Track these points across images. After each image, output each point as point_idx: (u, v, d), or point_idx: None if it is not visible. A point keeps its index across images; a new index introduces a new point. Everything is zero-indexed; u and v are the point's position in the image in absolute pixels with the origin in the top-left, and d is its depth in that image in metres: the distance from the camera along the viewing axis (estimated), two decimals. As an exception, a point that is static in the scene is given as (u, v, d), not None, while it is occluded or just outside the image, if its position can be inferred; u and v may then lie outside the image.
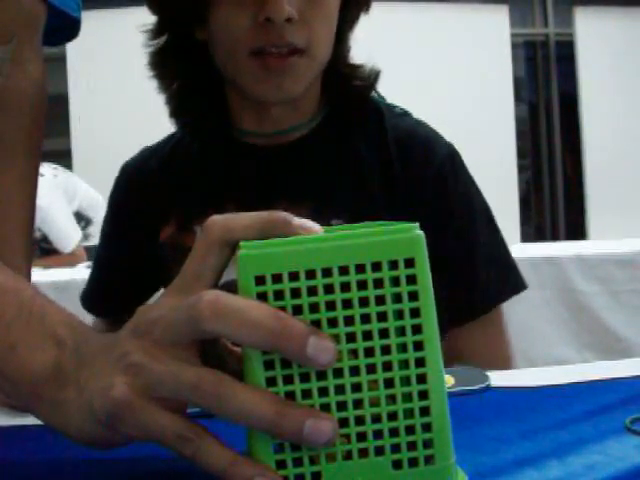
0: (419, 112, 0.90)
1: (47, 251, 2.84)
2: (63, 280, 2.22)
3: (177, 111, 0.84)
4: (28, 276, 0.72)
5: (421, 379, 0.35)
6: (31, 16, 0.68)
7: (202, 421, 0.54)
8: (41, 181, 2.38)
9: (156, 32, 0.80)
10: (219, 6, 0.73)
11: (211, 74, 0.80)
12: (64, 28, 0.75)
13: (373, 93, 0.86)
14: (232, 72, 0.77)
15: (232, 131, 0.84)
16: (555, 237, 4.69)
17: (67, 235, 2.85)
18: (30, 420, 0.57)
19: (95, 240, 2.88)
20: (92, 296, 0.94)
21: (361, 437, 0.35)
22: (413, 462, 0.35)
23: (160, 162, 0.87)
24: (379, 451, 0.35)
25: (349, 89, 0.83)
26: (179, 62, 0.81)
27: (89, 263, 2.51)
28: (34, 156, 0.74)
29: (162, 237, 0.85)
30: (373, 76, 0.84)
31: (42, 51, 0.74)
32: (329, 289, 0.34)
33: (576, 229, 4.57)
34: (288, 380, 0.34)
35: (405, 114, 0.88)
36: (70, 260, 2.81)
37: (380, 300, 0.34)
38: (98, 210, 2.99)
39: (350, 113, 0.83)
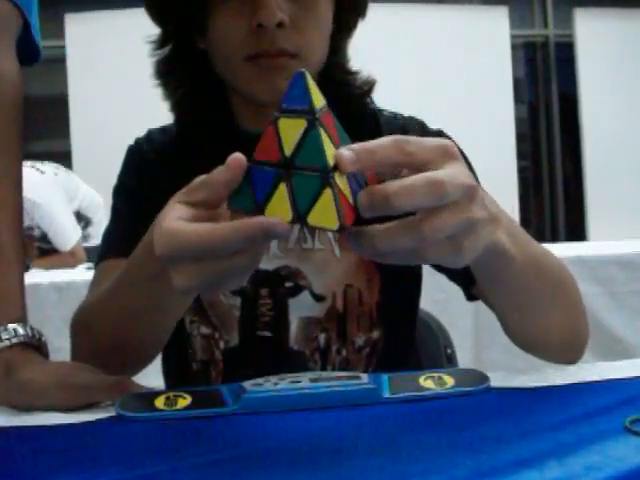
0: (419, 113, 0.90)
1: (46, 251, 2.83)
2: (63, 281, 2.22)
3: (182, 116, 0.85)
4: (21, 273, 0.72)
5: None
6: None
7: (201, 422, 0.54)
8: (41, 179, 2.37)
9: (160, 43, 0.83)
10: (216, 17, 0.76)
11: (213, 80, 0.82)
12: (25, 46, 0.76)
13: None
14: (229, 77, 0.80)
15: (236, 131, 0.85)
16: (555, 238, 4.70)
17: (67, 233, 2.84)
18: (30, 420, 0.57)
19: (95, 241, 2.89)
20: (113, 238, 0.90)
21: None
22: None
23: (170, 143, 0.87)
24: None
25: (344, 97, 0.84)
26: (183, 70, 0.84)
27: (90, 264, 2.50)
28: (15, 154, 0.74)
29: None
30: (368, 86, 0.85)
31: (14, 51, 0.75)
32: None
33: (576, 230, 4.57)
34: None
35: (395, 115, 0.90)
36: (69, 260, 2.81)
37: None
38: (98, 210, 2.99)
39: (346, 117, 0.85)
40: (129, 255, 0.82)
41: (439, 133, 0.87)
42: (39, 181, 2.80)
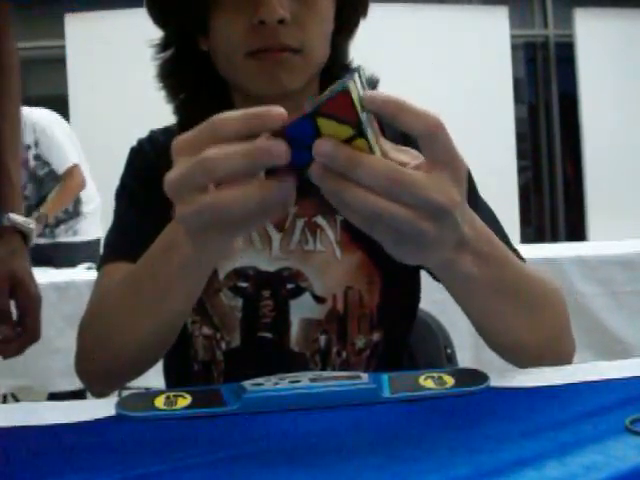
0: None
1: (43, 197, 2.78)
2: (63, 281, 2.22)
3: (185, 118, 0.85)
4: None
5: None
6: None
7: (201, 422, 0.54)
8: (58, 116, 2.69)
9: (162, 46, 0.83)
10: (218, 15, 0.76)
11: (216, 82, 0.82)
12: None
13: None
14: (231, 74, 0.79)
15: None
16: (555, 238, 4.70)
17: (64, 152, 2.78)
18: (30, 420, 0.57)
19: (85, 236, 2.87)
20: (118, 240, 0.88)
21: None
22: None
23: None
24: None
25: None
26: (185, 72, 0.84)
27: (89, 264, 2.50)
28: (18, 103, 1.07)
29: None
30: (370, 86, 0.85)
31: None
32: None
33: (576, 230, 4.57)
34: None
35: None
36: (71, 189, 2.78)
37: None
38: (91, 202, 2.91)
39: None
40: (131, 257, 0.82)
41: None
42: (52, 114, 2.86)
